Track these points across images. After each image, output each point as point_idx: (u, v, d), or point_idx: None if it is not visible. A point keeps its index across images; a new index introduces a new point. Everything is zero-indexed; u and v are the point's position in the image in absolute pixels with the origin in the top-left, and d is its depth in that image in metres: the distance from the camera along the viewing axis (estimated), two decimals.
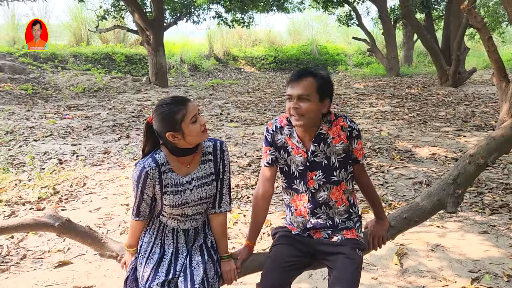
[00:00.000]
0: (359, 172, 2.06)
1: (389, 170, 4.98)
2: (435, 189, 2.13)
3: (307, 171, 1.96)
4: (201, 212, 1.96)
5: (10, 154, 5.56)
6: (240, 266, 2.03)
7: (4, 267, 2.98)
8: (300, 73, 1.91)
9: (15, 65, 13.09)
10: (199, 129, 1.78)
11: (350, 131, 1.95)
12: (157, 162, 1.82)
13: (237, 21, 15.88)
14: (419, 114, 8.30)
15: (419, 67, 18.18)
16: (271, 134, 2.02)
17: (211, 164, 1.92)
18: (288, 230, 2.09)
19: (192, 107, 1.77)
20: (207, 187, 1.90)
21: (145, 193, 1.84)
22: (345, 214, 2.02)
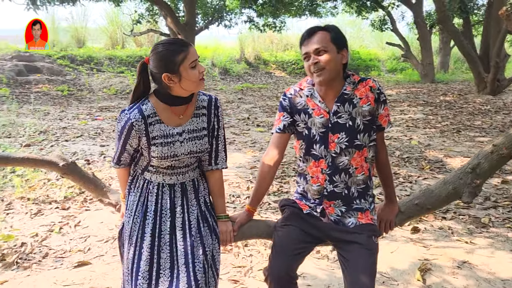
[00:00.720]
0: (380, 142, 1.98)
1: (417, 181, 4.81)
2: (451, 177, 2.01)
3: (328, 133, 1.88)
4: (189, 165, 1.87)
5: (41, 154, 5.73)
6: (237, 229, 1.98)
7: (26, 264, 3.05)
8: (311, 29, 1.87)
9: (53, 67, 13.58)
10: (197, 76, 1.70)
11: (378, 94, 1.88)
12: (143, 114, 1.72)
13: (268, 25, 15.88)
14: (453, 122, 8.01)
15: (456, 73, 17.59)
16: (289, 98, 1.95)
17: (204, 118, 1.84)
18: (298, 207, 2.00)
19: (194, 51, 1.70)
20: (198, 141, 1.82)
21: (128, 143, 1.78)
22: (362, 185, 1.93)
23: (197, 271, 1.74)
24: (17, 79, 11.91)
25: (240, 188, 4.60)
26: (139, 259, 1.76)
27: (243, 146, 6.44)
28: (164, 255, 1.78)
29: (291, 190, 4.48)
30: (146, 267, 1.74)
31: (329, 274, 2.93)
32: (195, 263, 1.75)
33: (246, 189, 4.57)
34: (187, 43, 1.71)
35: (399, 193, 4.40)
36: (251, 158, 5.74)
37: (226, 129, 7.56)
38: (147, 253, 1.76)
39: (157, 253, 1.77)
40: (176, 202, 1.85)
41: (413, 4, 14.64)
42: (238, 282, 2.85)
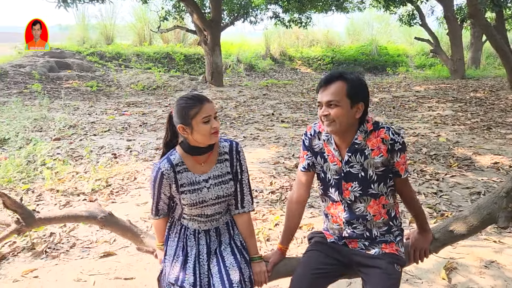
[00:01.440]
0: (401, 186, 1.92)
1: (444, 178, 4.69)
2: (485, 202, 1.96)
3: (342, 181, 1.87)
4: (221, 212, 1.96)
5: (70, 147, 5.89)
6: (271, 270, 1.99)
7: (55, 254, 3.15)
8: (328, 77, 1.81)
9: (83, 63, 13.92)
10: (208, 131, 1.79)
11: (392, 144, 1.80)
12: (171, 163, 1.85)
13: (294, 21, 15.78)
14: (483, 119, 7.77)
15: (488, 69, 17.04)
16: (309, 139, 1.95)
17: (227, 163, 1.93)
18: (324, 236, 2.02)
19: (208, 108, 1.79)
20: (224, 186, 1.90)
21: (162, 192, 1.88)
22: (384, 227, 1.90)
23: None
24: (49, 75, 12.27)
25: (264, 183, 4.61)
26: None
27: (267, 141, 6.44)
28: None
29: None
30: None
31: None
32: (233, 285, 1.79)
33: (269, 184, 4.58)
34: (204, 100, 1.81)
35: (425, 191, 4.31)
36: (275, 154, 5.73)
37: (250, 124, 7.59)
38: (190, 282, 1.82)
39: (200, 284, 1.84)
40: (212, 247, 1.94)
41: None
42: None
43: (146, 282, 2.79)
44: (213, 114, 1.81)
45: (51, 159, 5.14)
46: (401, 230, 1.98)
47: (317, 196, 4.18)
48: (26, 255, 3.11)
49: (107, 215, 2.33)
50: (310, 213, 3.84)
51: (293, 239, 2.15)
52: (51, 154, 5.46)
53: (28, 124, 6.99)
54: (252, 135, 6.84)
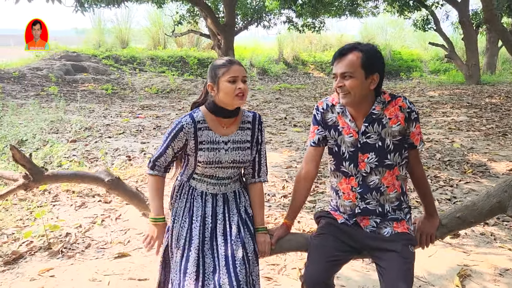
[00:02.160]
0: (413, 160, 1.94)
1: (458, 185, 4.65)
2: (495, 190, 1.95)
3: (358, 153, 1.87)
4: (232, 177, 1.98)
5: (86, 149, 5.98)
6: (275, 243, 2.00)
7: (70, 253, 3.21)
8: (343, 49, 1.82)
9: (99, 66, 14.13)
10: (232, 90, 1.82)
11: (409, 113, 1.83)
12: (193, 119, 1.89)
13: (307, 26, 15.81)
14: (499, 125, 7.68)
15: (504, 75, 16.84)
16: (321, 113, 1.95)
17: (248, 132, 1.97)
18: (333, 217, 2.01)
19: (236, 69, 1.84)
20: (242, 152, 1.94)
21: (171, 146, 1.90)
22: (396, 202, 1.91)
23: (239, 272, 1.81)
24: (65, 78, 12.48)
25: (276, 187, 4.63)
26: (187, 261, 1.85)
27: (280, 145, 6.46)
28: (208, 260, 1.87)
29: (326, 190, 4.46)
30: (193, 268, 1.83)
31: (364, 275, 2.90)
32: (236, 264, 1.83)
33: (281, 188, 4.59)
34: (234, 62, 1.88)
35: (439, 197, 4.28)
36: (287, 158, 5.75)
37: None
38: (195, 254, 1.85)
39: (202, 256, 1.87)
40: (218, 211, 1.95)
41: (459, 3, 14.14)
42: (272, 280, 2.88)
43: None
44: (241, 77, 1.84)
45: (67, 161, 5.23)
46: (410, 208, 1.99)
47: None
48: (42, 255, 3.17)
49: (115, 178, 2.36)
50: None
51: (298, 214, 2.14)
52: (67, 155, 5.56)
53: (45, 126, 7.12)
54: (265, 139, 6.86)
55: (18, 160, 2.22)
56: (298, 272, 2.91)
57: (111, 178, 2.32)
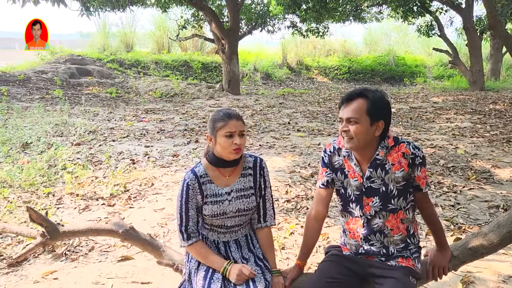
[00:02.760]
0: (421, 201, 1.95)
1: (462, 191, 4.64)
2: (505, 220, 1.95)
3: (363, 197, 1.91)
4: (240, 225, 2.00)
5: (90, 152, 6.01)
6: (289, 285, 2.01)
7: (74, 256, 3.22)
8: (350, 94, 1.86)
9: (103, 70, 14.21)
10: (229, 145, 1.85)
11: (412, 159, 1.84)
12: (196, 174, 1.92)
13: (311, 31, 15.83)
14: (503, 132, 7.66)
15: (508, 81, 16.80)
16: (329, 156, 2.00)
17: (251, 178, 1.99)
18: (340, 249, 2.06)
19: (233, 124, 1.87)
20: (246, 200, 1.95)
21: (190, 207, 1.91)
22: (401, 244, 1.93)
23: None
24: (70, 81, 12.55)
25: (279, 192, 4.63)
26: None
27: (283, 150, 6.47)
28: None
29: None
30: None
31: None
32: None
33: (285, 193, 4.60)
34: (233, 116, 1.88)
35: (442, 203, 4.27)
36: (291, 163, 5.75)
37: (266, 133, 7.63)
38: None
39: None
40: (234, 256, 1.97)
41: (463, 9, 14.16)
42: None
43: (162, 287, 2.83)
44: (238, 131, 1.86)
45: (72, 164, 5.25)
46: (419, 248, 2.00)
47: (332, 205, 4.18)
48: (46, 257, 3.19)
49: (129, 229, 2.41)
50: (326, 223, 3.84)
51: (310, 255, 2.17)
52: (72, 158, 5.58)
53: (50, 129, 7.16)
54: (268, 144, 6.87)
55: (35, 220, 2.30)
56: None
57: (125, 229, 2.39)
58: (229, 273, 1.88)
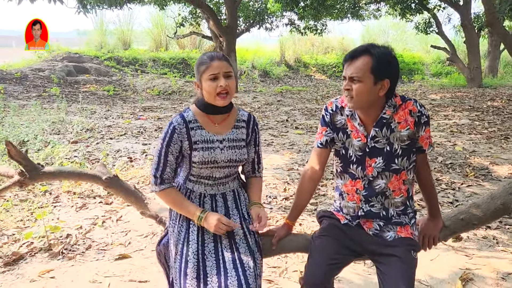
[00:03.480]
0: (421, 163, 1.91)
1: (460, 188, 4.64)
2: (499, 192, 1.92)
3: (365, 157, 1.84)
4: (229, 176, 1.93)
5: (87, 150, 5.98)
6: (276, 243, 1.98)
7: (71, 255, 3.20)
8: (355, 51, 1.76)
9: (100, 67, 14.15)
10: (213, 89, 1.76)
11: (419, 117, 1.78)
12: (184, 119, 1.84)
13: (309, 28, 15.81)
14: (501, 129, 7.66)
15: (506, 78, 16.83)
16: (330, 114, 1.91)
17: (244, 131, 1.94)
18: (336, 218, 1.98)
19: (216, 66, 1.76)
20: (238, 151, 1.89)
21: (170, 152, 1.82)
22: (401, 206, 1.89)
23: (248, 276, 1.76)
24: (67, 79, 12.50)
25: (277, 189, 4.61)
26: (186, 267, 1.79)
27: (281, 148, 6.45)
28: (209, 263, 1.79)
29: (328, 192, 4.44)
30: (193, 274, 1.77)
31: (365, 279, 2.88)
32: (245, 269, 1.77)
33: (283, 191, 4.58)
34: (216, 57, 1.79)
35: (441, 200, 4.26)
36: (289, 160, 5.74)
37: (264, 131, 7.61)
38: (194, 259, 1.79)
39: (202, 260, 1.80)
40: (219, 211, 1.90)
41: (461, 6, 14.15)
42: (273, 282, 2.86)
43: (160, 286, 2.81)
44: (222, 72, 1.77)
45: (69, 162, 5.22)
46: (415, 213, 1.97)
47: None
48: (43, 256, 3.16)
49: (113, 176, 2.34)
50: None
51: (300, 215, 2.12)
52: (69, 156, 5.55)
53: (47, 127, 7.12)
54: (266, 141, 6.85)
55: (13, 156, 2.16)
56: (299, 274, 2.89)
57: (109, 175, 2.30)
58: (205, 222, 1.80)
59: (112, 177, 2.31)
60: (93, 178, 2.35)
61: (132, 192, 2.33)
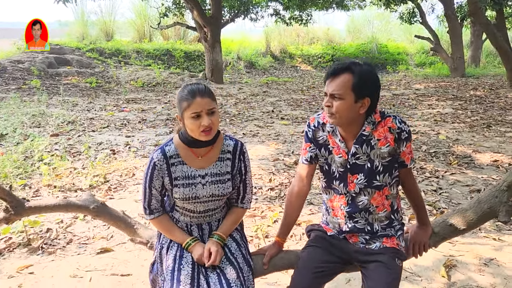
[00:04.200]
0: (405, 177, 1.90)
1: (444, 176, 4.67)
2: (486, 196, 1.93)
3: (347, 174, 1.84)
4: (214, 209, 1.90)
5: (68, 143, 5.86)
6: (267, 262, 1.95)
7: (51, 250, 3.13)
8: (336, 68, 1.75)
9: (82, 59, 13.87)
10: (196, 127, 1.69)
11: (398, 133, 1.77)
12: (165, 154, 1.78)
13: (295, 18, 15.72)
14: (483, 117, 7.75)
15: (488, 68, 17.03)
16: (313, 130, 1.91)
17: (228, 163, 1.86)
18: (323, 230, 1.99)
19: (198, 104, 1.68)
20: (222, 185, 1.84)
21: (153, 187, 1.81)
22: (385, 221, 1.88)
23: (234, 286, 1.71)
24: (48, 71, 12.22)
25: (263, 180, 4.59)
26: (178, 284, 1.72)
27: (267, 138, 6.42)
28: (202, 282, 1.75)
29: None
30: None
31: None
32: (231, 285, 1.71)
33: (268, 181, 4.55)
34: (197, 94, 1.68)
35: (425, 188, 4.29)
36: (274, 151, 5.71)
37: (250, 121, 7.56)
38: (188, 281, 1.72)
39: (197, 281, 1.74)
40: (205, 240, 1.88)
41: None
42: None
43: (142, 279, 2.76)
44: (206, 110, 1.68)
45: (49, 155, 5.11)
46: (402, 225, 1.96)
47: (316, 193, 4.16)
48: (22, 251, 3.09)
49: (100, 205, 2.28)
50: (309, 210, 3.81)
51: (290, 233, 2.12)
52: (49, 149, 5.43)
53: (26, 120, 6.96)
54: (252, 132, 6.81)
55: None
56: None
57: (96, 205, 2.26)
58: (191, 249, 1.81)
59: (100, 206, 2.27)
60: (80, 208, 2.32)
61: (121, 218, 2.30)
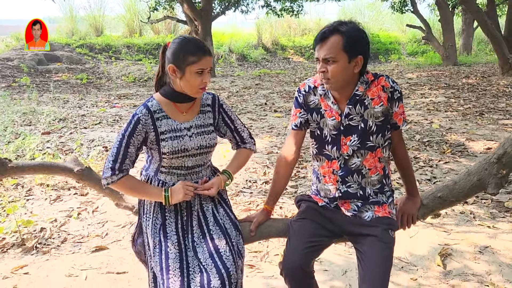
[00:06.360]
0: (396, 140, 1.90)
1: (438, 165, 4.69)
2: (475, 168, 1.91)
3: (340, 136, 1.83)
4: (202, 165, 1.88)
5: (60, 141, 5.80)
6: (255, 229, 1.96)
7: (45, 249, 3.10)
8: (323, 32, 1.73)
9: (72, 55, 13.73)
10: (198, 83, 1.72)
11: (392, 92, 1.78)
12: (149, 109, 1.76)
13: (286, 10, 15.63)
14: (476, 105, 7.78)
15: (479, 56, 17.08)
16: (303, 95, 1.89)
17: (210, 115, 1.89)
18: (314, 201, 1.97)
19: (206, 62, 1.71)
20: (207, 136, 1.85)
21: (131, 143, 1.72)
22: (377, 185, 1.88)
23: (225, 259, 1.72)
24: (38, 68, 12.09)
25: (257, 174, 4.57)
26: (167, 258, 1.73)
27: (260, 131, 6.39)
28: (190, 253, 1.76)
29: (308, 174, 4.43)
30: (176, 264, 1.71)
31: (346, 259, 2.88)
32: (221, 253, 1.73)
33: (262, 175, 4.54)
34: (207, 51, 1.73)
35: (419, 177, 4.29)
36: (268, 144, 5.69)
37: (243, 114, 7.53)
38: (175, 250, 1.74)
39: (184, 251, 1.76)
40: (192, 202, 1.85)
41: None
42: (254, 267, 2.84)
43: (138, 276, 2.75)
44: (208, 69, 1.74)
45: (41, 153, 5.05)
46: (392, 191, 1.96)
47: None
48: (16, 251, 3.06)
49: (85, 168, 2.25)
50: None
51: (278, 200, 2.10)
52: (41, 148, 5.37)
53: (17, 118, 6.88)
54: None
55: None
56: (280, 259, 2.87)
57: (81, 168, 2.20)
58: (173, 198, 1.77)
59: (84, 169, 2.21)
60: (64, 171, 2.24)
61: None
